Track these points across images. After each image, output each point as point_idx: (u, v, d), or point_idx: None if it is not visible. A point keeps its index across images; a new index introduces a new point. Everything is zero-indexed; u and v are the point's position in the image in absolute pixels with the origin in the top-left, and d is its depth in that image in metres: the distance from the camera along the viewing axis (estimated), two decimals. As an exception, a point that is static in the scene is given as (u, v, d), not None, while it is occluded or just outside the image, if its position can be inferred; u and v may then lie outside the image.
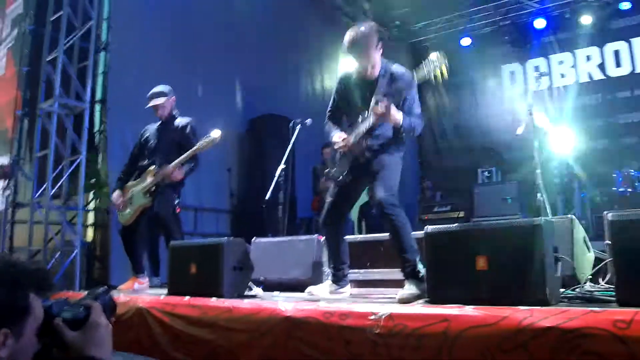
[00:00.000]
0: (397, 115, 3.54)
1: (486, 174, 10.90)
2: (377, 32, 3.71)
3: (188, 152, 4.93)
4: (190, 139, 5.06)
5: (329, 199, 3.96)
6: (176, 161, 4.92)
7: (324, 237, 4.20)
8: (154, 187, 5.01)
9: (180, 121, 5.26)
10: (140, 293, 4.60)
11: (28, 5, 7.66)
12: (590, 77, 10.87)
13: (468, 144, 12.14)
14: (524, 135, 5.37)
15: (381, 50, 3.72)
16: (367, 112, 3.67)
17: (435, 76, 3.46)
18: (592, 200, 8.97)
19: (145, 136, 5.38)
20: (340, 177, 3.84)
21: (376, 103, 3.56)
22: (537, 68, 11.29)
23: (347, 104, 3.91)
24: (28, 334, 1.29)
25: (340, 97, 3.98)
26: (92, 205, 7.56)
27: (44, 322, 1.35)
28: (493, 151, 11.18)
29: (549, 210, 4.89)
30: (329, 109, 4.06)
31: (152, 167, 5.08)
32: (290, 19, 10.04)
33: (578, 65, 11.02)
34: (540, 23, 10.96)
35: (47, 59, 6.84)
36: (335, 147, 3.83)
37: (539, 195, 4.84)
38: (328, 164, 4.08)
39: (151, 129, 5.39)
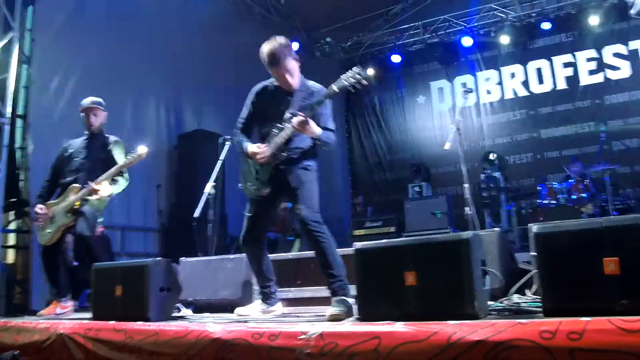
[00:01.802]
0: (314, 128, 3.57)
1: (416, 188, 11.09)
2: (292, 51, 3.76)
3: (114, 168, 4.78)
4: (116, 158, 4.92)
5: (247, 216, 3.89)
6: (102, 177, 4.75)
7: (246, 256, 4.09)
8: (76, 206, 4.79)
9: (109, 138, 5.13)
10: (62, 318, 4.38)
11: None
12: (515, 93, 11.28)
13: (398, 159, 12.34)
14: (452, 150, 5.47)
15: (298, 64, 3.77)
16: (284, 124, 3.67)
17: (353, 85, 3.45)
18: (518, 213, 9.27)
19: (69, 151, 5.14)
20: (257, 192, 3.78)
21: (294, 115, 3.57)
22: (464, 84, 11.62)
23: (261, 116, 3.87)
24: None
25: (255, 108, 3.92)
26: (12, 226, 7.25)
27: None
28: (423, 166, 11.39)
29: (477, 224, 4.98)
30: (241, 120, 3.96)
31: (75, 184, 4.87)
32: (221, 33, 9.98)
33: (504, 82, 11.42)
34: (467, 41, 11.30)
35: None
36: (256, 157, 3.72)
37: (467, 209, 4.92)
38: (240, 178, 3.96)
39: (76, 144, 5.17)
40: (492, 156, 9.83)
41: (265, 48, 3.70)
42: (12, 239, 7.27)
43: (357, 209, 11.31)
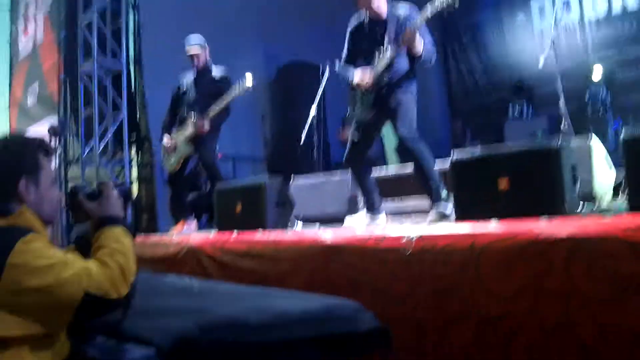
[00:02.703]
0: (419, 42, 3.74)
1: (517, 109, 10.88)
2: None
3: (225, 100, 5.13)
4: (225, 90, 5.21)
5: (350, 138, 4.17)
6: (213, 112, 5.14)
7: (351, 174, 4.42)
8: (195, 136, 5.27)
9: (216, 72, 5.42)
10: (190, 233, 4.94)
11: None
12: (624, 6, 10.62)
13: (497, 81, 12.05)
14: (552, 68, 5.43)
15: None
16: (382, 50, 3.87)
17: (446, 7, 3.55)
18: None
19: (181, 88, 5.55)
20: (361, 117, 4.04)
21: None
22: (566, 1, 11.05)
23: (360, 49, 4.07)
24: (45, 184, 1.75)
25: (353, 42, 4.15)
26: (135, 160, 7.93)
27: (71, 197, 1.85)
28: (524, 85, 11.12)
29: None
30: (343, 56, 4.21)
31: (192, 118, 5.29)
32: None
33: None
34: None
35: (83, 23, 7.09)
36: (360, 85, 3.96)
37: (563, 124, 4.92)
38: (349, 105, 4.22)
39: (187, 80, 5.53)
40: (596, 72, 9.45)
41: None
42: (134, 173, 7.98)
43: (456, 132, 11.30)
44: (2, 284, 1.46)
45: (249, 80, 4.99)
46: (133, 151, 7.86)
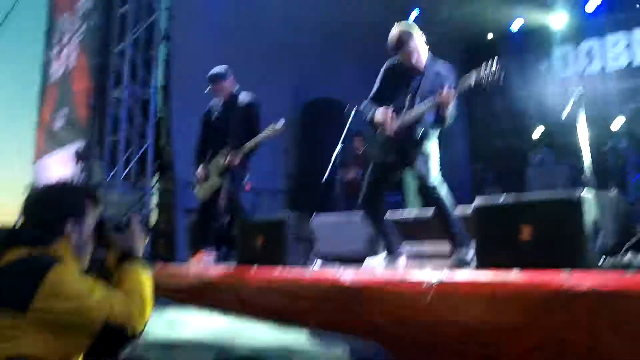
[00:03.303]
0: (451, 106, 3.78)
1: (538, 156, 10.90)
2: (419, 29, 3.97)
3: (253, 141, 5.15)
4: (255, 123, 5.23)
5: (367, 179, 4.18)
6: (244, 150, 5.16)
7: (365, 216, 4.36)
8: (225, 168, 5.28)
9: (243, 98, 5.40)
10: (210, 265, 4.97)
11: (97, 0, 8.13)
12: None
13: (519, 126, 12.08)
14: (574, 118, 5.46)
15: (425, 45, 3.97)
16: (414, 99, 3.91)
17: (489, 82, 3.72)
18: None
19: (210, 115, 5.59)
20: (380, 158, 4.07)
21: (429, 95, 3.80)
22: (590, 49, 11.15)
23: (391, 93, 4.08)
24: (87, 229, 1.89)
25: (386, 84, 4.15)
26: (156, 187, 8.03)
27: (99, 226, 1.95)
28: (545, 134, 11.16)
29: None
30: (371, 94, 4.21)
31: (224, 148, 5.30)
32: (343, 4, 10.26)
33: (633, 46, 10.83)
34: (593, 3, 10.78)
35: (116, 50, 7.29)
36: (380, 124, 3.96)
37: (585, 174, 4.90)
38: (368, 141, 4.22)
39: (216, 107, 5.57)
40: (617, 123, 9.47)
41: (392, 33, 3.97)
42: (154, 199, 8.06)
43: (477, 176, 11.31)
44: (33, 306, 1.57)
45: (281, 124, 5.06)
46: (155, 178, 7.96)
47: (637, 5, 10.44)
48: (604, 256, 2.92)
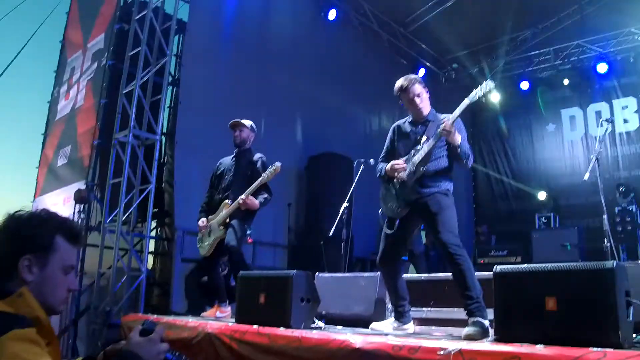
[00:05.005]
0: (457, 135, 3.73)
1: (543, 219, 10.79)
2: (422, 82, 4.03)
3: (256, 183, 5.12)
4: (259, 172, 5.23)
5: (384, 236, 4.04)
6: (247, 191, 5.11)
7: (382, 275, 4.28)
8: (227, 220, 5.21)
9: (255, 156, 5.46)
10: (210, 319, 4.75)
11: (108, 41, 8.12)
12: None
13: (524, 189, 12.02)
14: (583, 181, 5.41)
15: (428, 94, 4.01)
16: (419, 146, 3.87)
17: (484, 97, 3.72)
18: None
19: (220, 169, 5.58)
20: (398, 211, 3.93)
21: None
22: (598, 113, 11.14)
23: (400, 148, 4.08)
24: (53, 268, 1.63)
25: (394, 141, 4.17)
26: (153, 233, 7.84)
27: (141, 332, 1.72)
28: (551, 197, 11.09)
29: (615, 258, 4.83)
30: (382, 155, 4.23)
31: (227, 200, 5.27)
32: (351, 60, 10.37)
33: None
34: (602, 67, 10.85)
35: (124, 92, 7.23)
36: (394, 168, 3.94)
37: (605, 241, 4.78)
38: (380, 203, 4.14)
39: (226, 162, 5.59)
40: (625, 189, 9.41)
41: (399, 83, 4.02)
42: (152, 246, 7.87)
43: (481, 237, 11.18)
44: None
45: (278, 167, 5.07)
46: (154, 224, 7.79)
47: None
48: (635, 333, 2.72)
